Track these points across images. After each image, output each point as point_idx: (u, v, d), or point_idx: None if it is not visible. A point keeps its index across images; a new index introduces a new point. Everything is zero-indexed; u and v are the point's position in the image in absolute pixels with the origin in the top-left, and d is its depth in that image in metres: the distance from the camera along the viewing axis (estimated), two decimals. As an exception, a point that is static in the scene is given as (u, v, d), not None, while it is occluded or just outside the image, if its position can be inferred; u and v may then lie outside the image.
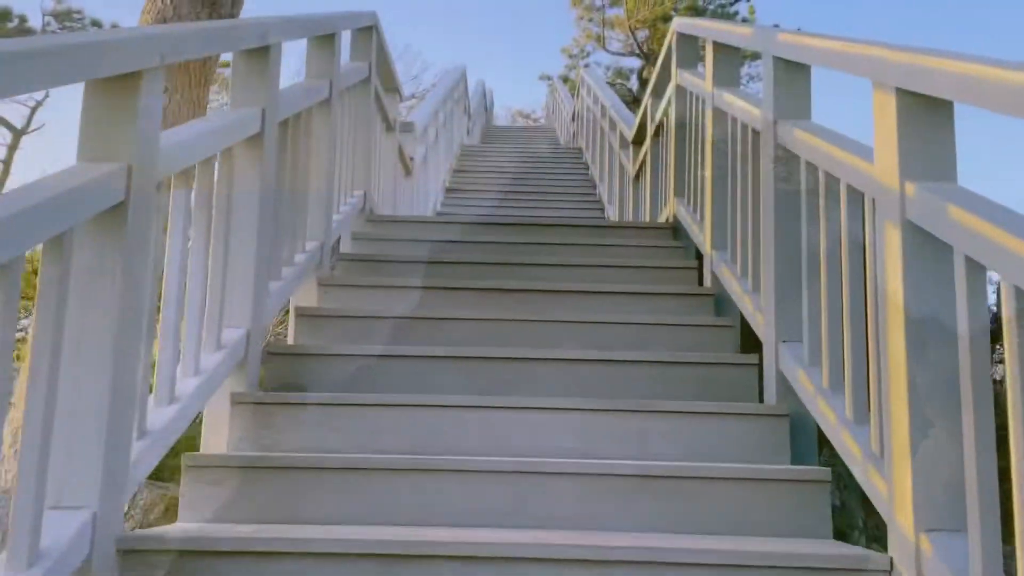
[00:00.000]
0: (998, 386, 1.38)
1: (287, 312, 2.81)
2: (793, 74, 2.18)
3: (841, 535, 1.92)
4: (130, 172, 1.40)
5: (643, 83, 15.09)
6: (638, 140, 4.80)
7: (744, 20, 15.17)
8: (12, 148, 13.81)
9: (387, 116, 4.05)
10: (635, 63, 16.12)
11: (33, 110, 13.91)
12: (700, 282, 2.94)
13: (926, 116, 1.44)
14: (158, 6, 3.14)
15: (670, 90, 3.69)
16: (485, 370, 2.18)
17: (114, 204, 1.38)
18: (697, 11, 14.73)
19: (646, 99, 4.35)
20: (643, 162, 4.53)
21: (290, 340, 2.48)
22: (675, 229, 3.51)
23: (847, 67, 1.73)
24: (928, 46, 1.44)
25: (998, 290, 1.21)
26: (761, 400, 2.13)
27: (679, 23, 3.62)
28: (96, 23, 13.77)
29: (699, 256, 3.15)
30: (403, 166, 4.73)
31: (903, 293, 1.41)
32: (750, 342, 2.61)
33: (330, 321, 2.44)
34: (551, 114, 16.01)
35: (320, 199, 2.76)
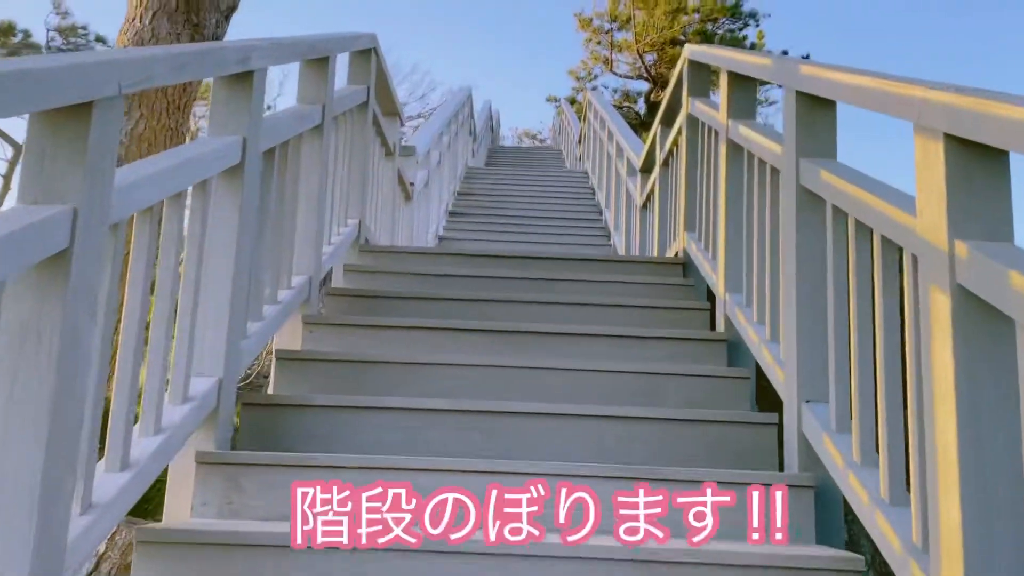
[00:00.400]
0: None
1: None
2: (817, 110, 2.02)
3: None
4: (76, 215, 1.24)
5: (650, 106, 15.00)
6: (646, 168, 4.65)
7: (752, 45, 15.10)
8: (12, 164, 13.73)
9: (386, 141, 3.90)
10: (643, 86, 16.04)
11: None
12: (712, 325, 2.76)
13: (980, 167, 1.27)
14: (136, 27, 2.99)
15: (681, 119, 3.53)
16: (482, 425, 2.01)
17: (56, 252, 1.21)
18: (706, 35, 14.66)
19: (655, 127, 4.20)
20: (651, 191, 4.37)
21: (271, 387, 2.30)
22: (685, 265, 3.34)
23: (883, 107, 1.56)
24: (981, 87, 1.28)
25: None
26: (781, 466, 1.95)
27: (692, 50, 3.46)
28: (100, 39, 13.74)
29: (711, 295, 2.98)
30: (403, 191, 4.58)
31: (953, 368, 1.23)
32: (767, 395, 2.44)
33: (314, 366, 2.27)
34: (558, 135, 15.91)
35: (309, 231, 2.60)
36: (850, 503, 1.62)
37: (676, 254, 3.50)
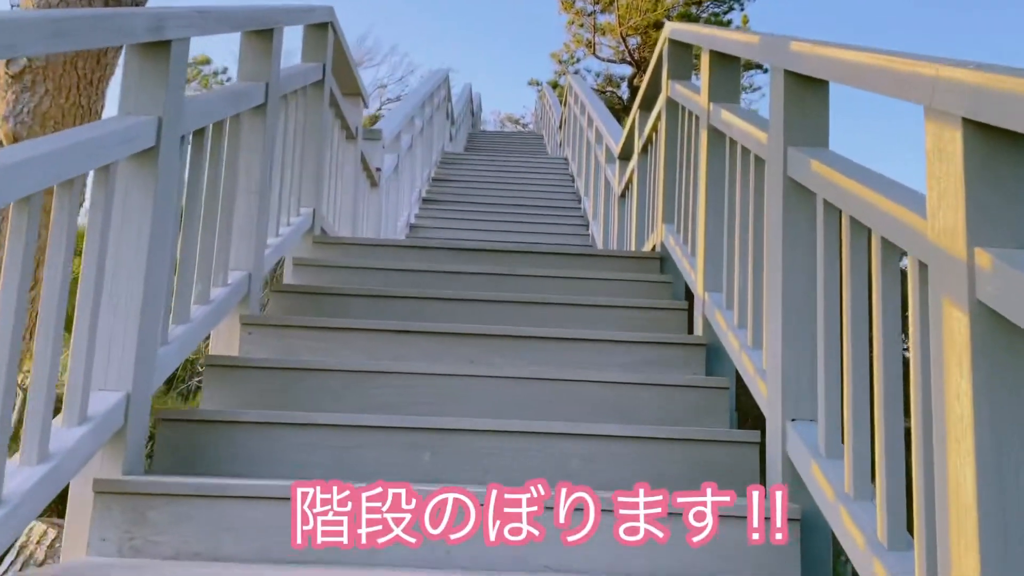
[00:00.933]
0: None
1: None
2: (808, 92, 1.81)
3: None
4: (-97, 209, 1.00)
5: (633, 91, 14.76)
6: (625, 155, 4.43)
7: (737, 30, 14.87)
8: None
9: (347, 123, 3.65)
10: (626, 70, 15.80)
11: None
12: (690, 328, 2.55)
13: (1008, 158, 1.06)
14: (41, -13, 2.70)
15: (660, 103, 3.31)
16: (429, 444, 1.79)
17: None
18: (690, 19, 14.43)
19: (634, 111, 3.97)
20: (630, 180, 4.15)
21: (202, 398, 2.07)
22: (663, 260, 3.13)
23: (886, 87, 1.35)
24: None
25: None
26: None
27: (672, 29, 3.24)
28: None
29: (689, 294, 2.77)
30: (368, 178, 4.33)
31: (972, 397, 1.03)
32: (746, 403, 2.24)
33: (247, 373, 2.04)
34: (539, 120, 15.65)
35: (248, 222, 2.36)
36: (842, 544, 1.42)
37: (654, 247, 3.29)
